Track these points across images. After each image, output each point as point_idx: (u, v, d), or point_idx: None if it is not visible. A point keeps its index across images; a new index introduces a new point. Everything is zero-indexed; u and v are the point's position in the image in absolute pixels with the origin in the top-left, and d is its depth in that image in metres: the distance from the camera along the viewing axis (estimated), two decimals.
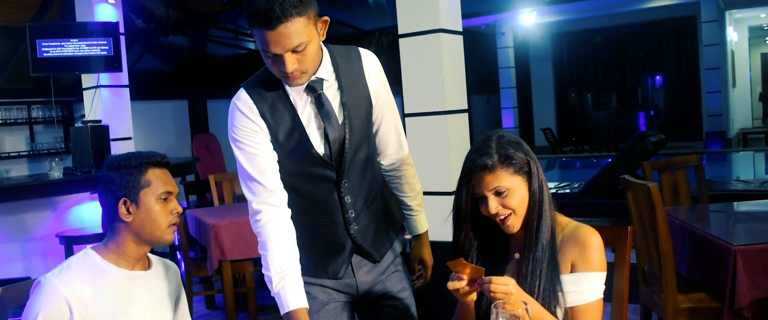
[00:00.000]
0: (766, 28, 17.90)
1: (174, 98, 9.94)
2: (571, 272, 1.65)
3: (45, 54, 5.31)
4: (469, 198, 1.67)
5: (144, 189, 1.67)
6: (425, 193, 2.51)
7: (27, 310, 1.58)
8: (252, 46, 11.81)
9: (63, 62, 5.38)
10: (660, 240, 2.65)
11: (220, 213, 4.31)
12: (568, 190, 6.00)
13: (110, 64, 5.49)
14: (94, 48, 5.43)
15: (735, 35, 16.29)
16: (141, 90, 7.68)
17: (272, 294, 1.70)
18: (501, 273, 1.70)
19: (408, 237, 2.28)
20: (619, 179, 3.05)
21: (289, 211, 1.77)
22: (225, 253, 3.95)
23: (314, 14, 1.64)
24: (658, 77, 17.20)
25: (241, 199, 5.10)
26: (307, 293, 1.78)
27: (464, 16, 3.87)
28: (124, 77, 5.80)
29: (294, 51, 1.61)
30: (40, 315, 1.55)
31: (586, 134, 16.78)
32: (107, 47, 5.46)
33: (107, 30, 5.48)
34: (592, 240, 1.65)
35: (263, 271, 1.72)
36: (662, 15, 15.15)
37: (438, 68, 3.57)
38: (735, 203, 3.57)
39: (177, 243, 5.19)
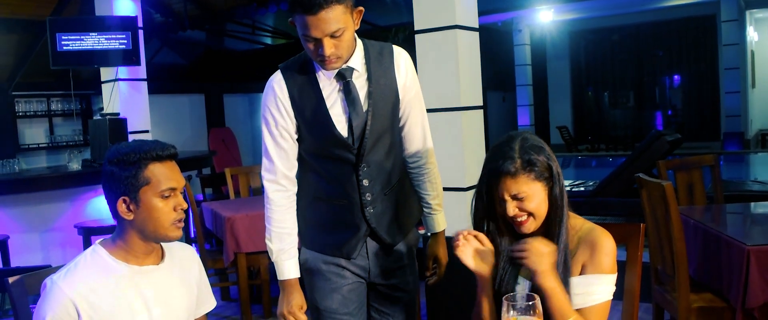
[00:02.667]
0: None
1: (191, 92, 10.02)
2: (580, 274, 1.66)
3: (65, 47, 5.37)
4: (489, 199, 1.70)
5: (143, 187, 1.58)
6: None
7: (36, 313, 1.56)
8: (269, 41, 11.85)
9: (82, 56, 5.45)
10: (674, 240, 2.65)
11: (235, 206, 4.35)
12: (582, 188, 5.99)
13: (128, 57, 5.55)
14: (113, 42, 5.49)
15: (755, 35, 16.09)
16: (158, 84, 7.75)
17: (272, 260, 1.99)
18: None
19: (422, 232, 2.30)
20: (634, 178, 3.05)
21: (295, 191, 2.00)
22: (240, 245, 3.99)
23: (351, 4, 1.79)
24: (676, 77, 17.05)
25: (257, 193, 5.15)
26: (322, 274, 2.01)
27: (481, 13, 3.86)
28: (142, 71, 5.86)
29: (332, 36, 1.75)
30: (48, 318, 1.52)
31: (602, 133, 16.67)
32: (126, 41, 5.52)
33: (126, 24, 5.54)
34: (605, 242, 1.66)
35: (266, 240, 2.01)
36: (681, 14, 15.01)
37: (454, 65, 3.58)
38: (751, 204, 3.55)
39: (193, 235, 5.25)
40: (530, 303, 1.39)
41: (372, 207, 1.98)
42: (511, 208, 1.65)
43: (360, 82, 1.92)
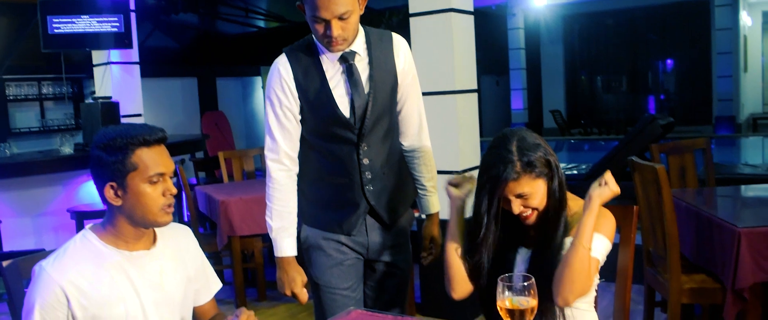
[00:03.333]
0: None
1: (184, 76, 9.97)
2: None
3: (56, 30, 5.33)
4: (491, 203, 1.76)
5: (131, 173, 1.54)
6: None
7: (26, 300, 1.55)
8: (262, 24, 11.79)
9: (74, 39, 5.40)
10: (666, 222, 2.67)
11: (229, 190, 4.36)
12: (575, 172, 6.01)
13: (120, 40, 5.51)
14: (105, 24, 5.45)
15: (748, 20, 16.11)
16: (151, 67, 7.71)
17: (270, 236, 2.07)
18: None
19: (417, 214, 2.33)
20: (627, 161, 3.06)
21: (296, 171, 2.08)
22: (234, 229, 4.00)
23: None
24: (669, 61, 17.08)
25: (251, 176, 5.15)
26: (323, 250, 2.10)
27: None
28: (134, 54, 5.82)
29: (340, 18, 1.85)
30: (37, 305, 1.51)
31: (595, 117, 16.71)
32: (118, 24, 5.48)
33: (118, 6, 5.49)
34: (605, 212, 1.73)
35: (266, 218, 2.07)
36: None
37: (448, 48, 3.57)
38: (742, 187, 3.57)
39: (187, 219, 5.25)
40: (526, 283, 1.40)
41: (371, 185, 2.06)
42: (517, 207, 1.74)
43: (362, 66, 2.02)
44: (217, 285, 1.86)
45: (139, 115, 5.89)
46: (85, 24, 5.38)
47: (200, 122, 9.82)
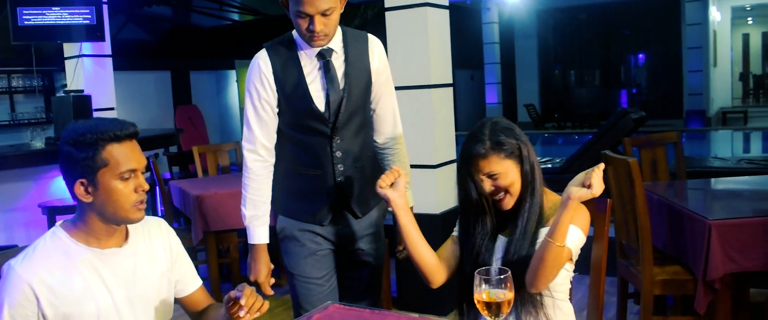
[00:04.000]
0: (748, 8, 18.00)
1: (157, 69, 9.84)
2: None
3: (26, 22, 5.23)
4: (471, 183, 1.82)
5: (102, 169, 1.50)
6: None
7: None
8: (236, 17, 11.70)
9: (44, 31, 5.31)
10: (638, 214, 2.71)
11: (203, 185, 4.32)
12: (550, 166, 6.07)
13: (92, 33, 5.42)
14: (77, 16, 5.36)
15: (718, 15, 16.37)
16: (124, 60, 7.61)
17: (244, 224, 2.15)
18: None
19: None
20: (600, 155, 3.10)
21: (272, 162, 2.15)
22: (209, 224, 3.97)
23: None
24: (641, 56, 17.29)
25: (225, 171, 5.12)
26: (298, 240, 2.19)
27: None
28: (107, 47, 5.74)
29: (323, 14, 1.95)
30: (6, 304, 1.49)
31: (568, 111, 16.87)
32: (89, 16, 5.39)
33: None
34: (580, 206, 1.74)
35: (241, 206, 2.15)
36: None
37: (424, 42, 3.58)
38: (712, 180, 3.64)
39: (161, 214, 5.20)
40: (502, 276, 1.41)
41: (343, 177, 2.15)
42: (487, 186, 1.80)
43: (338, 63, 2.10)
44: (196, 282, 1.84)
45: (112, 109, 5.81)
46: (56, 16, 5.29)
47: (174, 116, 9.72)
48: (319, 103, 2.08)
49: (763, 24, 21.19)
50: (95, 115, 5.38)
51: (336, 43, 2.10)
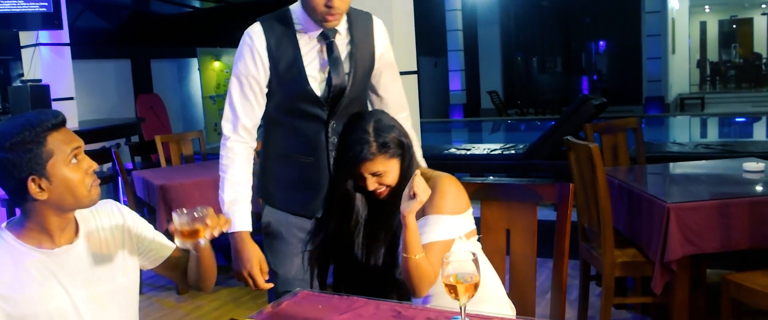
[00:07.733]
0: None
1: (117, 57, 9.67)
2: (423, 216, 1.80)
3: None
4: (352, 182, 1.91)
5: (50, 161, 1.46)
6: None
7: None
8: (197, 3, 11.53)
9: None
10: (599, 199, 2.76)
11: (167, 175, 4.28)
12: (513, 152, 6.13)
13: (49, 21, 5.31)
14: (32, 4, 5.24)
15: (676, 3, 16.67)
16: (82, 49, 7.45)
17: (223, 212, 1.91)
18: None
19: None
20: (563, 140, 3.14)
21: (253, 145, 1.99)
22: None
23: None
24: (601, 43, 17.55)
25: (189, 160, 5.06)
26: (283, 238, 2.03)
27: None
28: (64, 35, 5.63)
29: None
30: None
31: (531, 97, 17.06)
32: (46, 3, 5.28)
33: None
34: (444, 186, 1.82)
35: (219, 192, 1.96)
36: None
37: (388, 28, 3.57)
38: (671, 164, 3.72)
39: (124, 204, 5.13)
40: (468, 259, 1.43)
41: None
42: (371, 184, 1.87)
43: (342, 45, 1.98)
44: (169, 246, 1.78)
45: (71, 98, 5.71)
46: (11, 3, 5.16)
47: (135, 105, 9.56)
48: (315, 86, 1.94)
49: (720, 12, 21.68)
50: (54, 105, 5.28)
51: (341, 24, 1.96)
